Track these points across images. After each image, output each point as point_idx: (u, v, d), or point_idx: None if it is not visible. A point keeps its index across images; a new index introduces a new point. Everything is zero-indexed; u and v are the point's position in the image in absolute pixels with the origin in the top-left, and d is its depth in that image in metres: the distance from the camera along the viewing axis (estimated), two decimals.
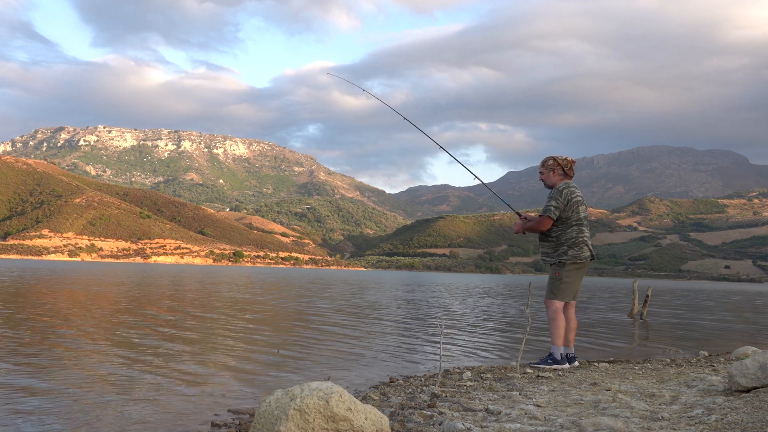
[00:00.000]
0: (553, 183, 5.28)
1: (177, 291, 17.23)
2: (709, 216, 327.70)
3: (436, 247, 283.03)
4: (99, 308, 10.38)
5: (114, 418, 3.36)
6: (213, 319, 9.12)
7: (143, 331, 7.20)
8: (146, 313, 9.64)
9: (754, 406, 2.98)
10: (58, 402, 3.67)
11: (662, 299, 23.63)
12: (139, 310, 10.35)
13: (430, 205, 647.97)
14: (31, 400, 3.70)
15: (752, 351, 5.48)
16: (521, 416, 3.09)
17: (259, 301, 14.06)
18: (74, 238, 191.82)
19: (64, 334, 6.72)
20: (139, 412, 3.49)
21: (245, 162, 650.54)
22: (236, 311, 10.84)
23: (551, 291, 5.15)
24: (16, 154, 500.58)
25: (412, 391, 3.95)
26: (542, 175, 5.38)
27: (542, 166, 5.35)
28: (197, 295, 15.79)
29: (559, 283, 5.12)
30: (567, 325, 5.26)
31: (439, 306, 14.64)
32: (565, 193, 5.11)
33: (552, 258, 5.19)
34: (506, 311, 13.61)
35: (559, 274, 5.11)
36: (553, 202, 5.10)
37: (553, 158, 5.29)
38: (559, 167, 5.25)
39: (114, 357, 5.35)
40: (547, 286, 5.24)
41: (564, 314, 5.26)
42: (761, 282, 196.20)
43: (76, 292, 15.04)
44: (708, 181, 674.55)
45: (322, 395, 2.48)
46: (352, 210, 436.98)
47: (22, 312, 9.03)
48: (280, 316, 10.66)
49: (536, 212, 5.64)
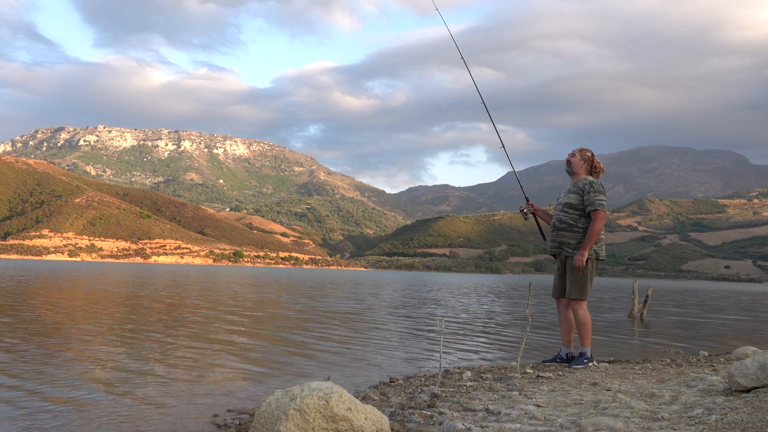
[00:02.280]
0: (577, 173, 5.22)
1: (177, 291, 17.22)
2: (709, 216, 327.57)
3: (436, 247, 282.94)
4: (98, 308, 10.37)
5: (114, 418, 3.36)
6: (213, 319, 9.12)
7: (143, 331, 7.19)
8: (146, 313, 9.64)
9: (754, 406, 2.97)
10: (57, 402, 3.67)
11: (662, 299, 23.62)
12: (139, 309, 10.35)
13: (430, 205, 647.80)
14: (30, 400, 3.70)
15: (752, 351, 5.48)
16: (521, 416, 3.08)
17: (260, 302, 14.06)
18: (74, 238, 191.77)
19: (64, 333, 6.73)
20: (139, 412, 3.49)
21: (245, 162, 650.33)
22: (236, 311, 10.83)
23: (581, 291, 5.01)
24: (16, 154, 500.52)
25: (412, 391, 3.95)
26: (574, 159, 5.24)
27: (579, 153, 5.25)
28: (197, 295, 15.78)
29: (586, 281, 5.03)
30: (569, 324, 5.25)
31: (439, 306, 14.63)
32: (604, 188, 5.14)
33: (574, 250, 5.05)
34: (506, 311, 13.61)
35: (584, 273, 5.01)
36: (602, 196, 5.05)
37: (592, 153, 5.28)
38: (589, 164, 5.24)
39: (113, 357, 5.35)
40: (571, 286, 5.04)
41: (566, 313, 5.25)
42: (761, 282, 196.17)
43: (76, 292, 15.03)
44: (708, 181, 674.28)
45: (322, 395, 2.47)
46: (352, 210, 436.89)
47: (21, 312, 9.03)
48: (280, 316, 10.66)
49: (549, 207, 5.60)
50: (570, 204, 5.12)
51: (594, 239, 4.98)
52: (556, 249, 5.21)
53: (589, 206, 5.05)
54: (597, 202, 5.03)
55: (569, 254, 5.10)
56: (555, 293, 5.31)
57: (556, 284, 5.30)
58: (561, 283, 5.23)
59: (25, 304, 10.68)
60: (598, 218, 5.02)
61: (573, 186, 5.21)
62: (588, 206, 5.05)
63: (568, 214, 5.13)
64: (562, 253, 5.16)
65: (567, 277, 5.11)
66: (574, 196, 5.12)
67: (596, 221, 5.01)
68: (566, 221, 5.13)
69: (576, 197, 5.11)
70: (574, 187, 5.17)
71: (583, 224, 5.08)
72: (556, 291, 5.30)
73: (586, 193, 5.08)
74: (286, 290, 20.82)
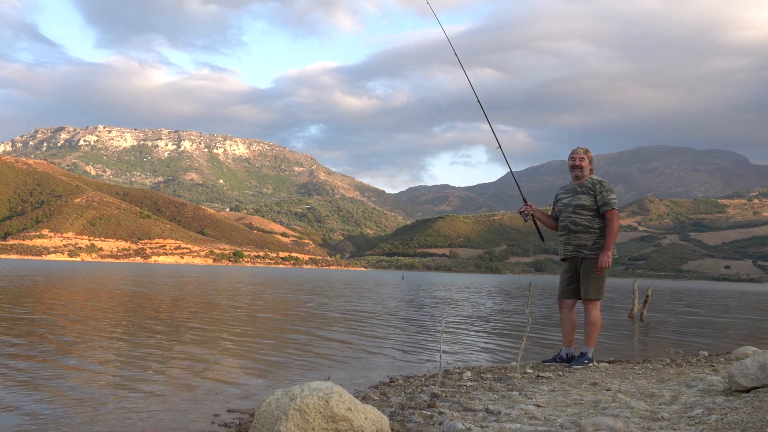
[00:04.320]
0: (585, 174, 5.20)
1: (178, 291, 17.22)
2: (709, 216, 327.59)
3: (436, 247, 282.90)
4: (98, 308, 10.37)
5: (114, 417, 3.36)
6: (213, 319, 9.12)
7: (143, 331, 7.19)
8: (146, 313, 9.64)
9: (754, 406, 2.97)
10: (57, 402, 3.66)
11: (662, 299, 23.62)
12: (139, 309, 10.35)
13: (430, 205, 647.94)
14: (30, 399, 3.70)
15: (752, 351, 5.48)
16: (521, 416, 3.07)
17: (260, 302, 14.06)
18: (74, 238, 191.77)
19: (63, 333, 6.73)
20: (139, 413, 3.49)
21: (245, 162, 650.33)
22: (236, 311, 10.84)
23: (599, 291, 4.98)
24: (16, 154, 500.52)
25: (412, 391, 3.94)
26: (583, 162, 5.19)
27: (586, 154, 5.23)
28: (198, 295, 15.78)
29: (603, 281, 5.00)
30: (571, 324, 5.24)
31: (440, 306, 14.63)
32: (611, 185, 5.13)
33: (591, 251, 4.99)
34: (506, 311, 13.61)
35: (601, 273, 4.98)
36: (614, 194, 5.05)
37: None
38: (591, 164, 5.27)
39: (114, 356, 5.35)
40: (588, 287, 4.98)
41: (569, 314, 5.24)
42: (761, 282, 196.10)
43: (76, 292, 15.03)
44: (708, 181, 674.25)
45: (322, 395, 2.47)
46: (352, 210, 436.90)
47: (21, 312, 9.03)
48: (280, 316, 10.66)
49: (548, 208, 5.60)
50: (583, 205, 5.05)
51: (614, 238, 4.97)
52: (572, 252, 5.09)
53: (605, 206, 5.01)
54: (612, 201, 5.02)
55: (586, 256, 5.02)
56: (563, 295, 5.22)
57: (564, 286, 5.21)
58: (571, 285, 5.16)
59: (25, 303, 10.68)
60: (615, 217, 5.01)
61: (579, 186, 5.13)
62: (603, 206, 5.02)
63: (582, 215, 5.05)
64: (578, 255, 5.06)
65: (582, 279, 5.04)
66: (585, 197, 5.06)
67: (614, 220, 5.00)
68: (581, 223, 5.04)
69: (588, 198, 5.05)
70: (582, 188, 5.10)
71: (598, 224, 5.03)
72: (564, 293, 5.21)
73: (599, 192, 5.03)
74: (286, 290, 20.82)
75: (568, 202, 5.17)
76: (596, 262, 4.97)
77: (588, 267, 4.99)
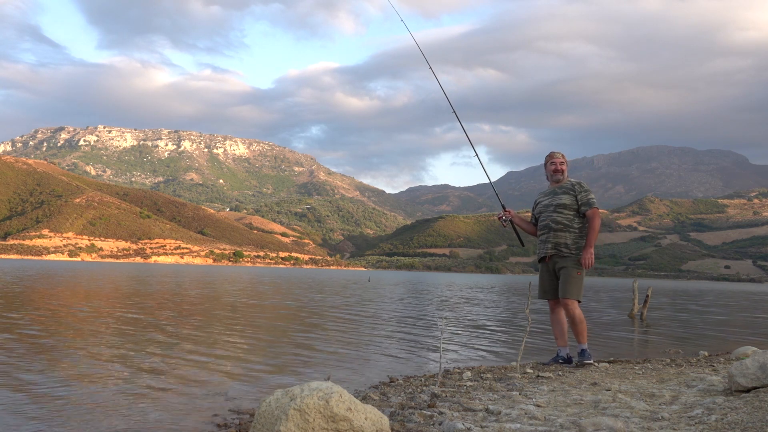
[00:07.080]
0: (565, 179, 5.32)
1: (177, 291, 17.22)
2: (709, 216, 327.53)
3: (436, 247, 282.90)
4: (98, 308, 10.37)
5: (113, 417, 3.36)
6: (213, 319, 9.12)
7: (143, 331, 7.19)
8: (146, 313, 9.64)
9: (754, 406, 2.97)
10: (57, 402, 3.66)
11: (662, 299, 23.62)
12: (139, 309, 10.34)
13: (430, 205, 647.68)
14: (30, 400, 3.70)
15: (752, 351, 5.48)
16: (521, 416, 3.07)
17: (260, 301, 14.06)
18: (74, 238, 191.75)
19: (64, 333, 6.72)
20: (139, 412, 3.49)
21: (245, 162, 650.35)
22: (236, 311, 10.83)
23: (577, 292, 5.01)
24: (16, 154, 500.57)
25: (412, 391, 3.94)
26: (563, 167, 5.33)
27: (563, 158, 5.35)
28: (198, 295, 15.78)
29: (581, 282, 5.05)
30: (563, 324, 5.25)
31: (440, 306, 14.63)
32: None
33: (571, 251, 5.05)
34: (506, 311, 13.61)
35: (581, 273, 5.03)
36: (592, 194, 5.14)
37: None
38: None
39: (114, 357, 5.34)
40: (567, 287, 5.01)
41: (559, 314, 5.26)
42: (761, 282, 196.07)
43: (76, 292, 15.03)
44: (708, 181, 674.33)
45: (322, 395, 2.47)
46: (352, 210, 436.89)
47: (21, 312, 9.03)
48: (280, 316, 10.66)
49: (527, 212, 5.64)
50: (564, 204, 5.14)
51: (596, 237, 5.04)
52: (552, 250, 5.15)
53: (586, 206, 5.10)
54: (592, 201, 5.13)
55: (566, 254, 5.08)
56: (547, 295, 5.28)
57: (546, 286, 5.27)
58: (553, 284, 5.21)
59: (25, 303, 10.68)
60: (597, 216, 5.10)
61: (559, 188, 5.25)
62: (584, 206, 5.11)
63: (562, 214, 5.13)
64: (558, 253, 5.13)
65: (562, 279, 5.08)
66: (566, 196, 5.16)
67: (596, 219, 5.08)
68: (562, 222, 5.12)
69: (569, 198, 5.15)
70: (561, 189, 5.22)
71: (578, 224, 5.12)
72: (547, 293, 5.26)
73: (579, 192, 5.15)
74: (286, 290, 20.82)
75: (549, 202, 5.27)
76: (576, 261, 5.03)
77: (568, 266, 5.04)
